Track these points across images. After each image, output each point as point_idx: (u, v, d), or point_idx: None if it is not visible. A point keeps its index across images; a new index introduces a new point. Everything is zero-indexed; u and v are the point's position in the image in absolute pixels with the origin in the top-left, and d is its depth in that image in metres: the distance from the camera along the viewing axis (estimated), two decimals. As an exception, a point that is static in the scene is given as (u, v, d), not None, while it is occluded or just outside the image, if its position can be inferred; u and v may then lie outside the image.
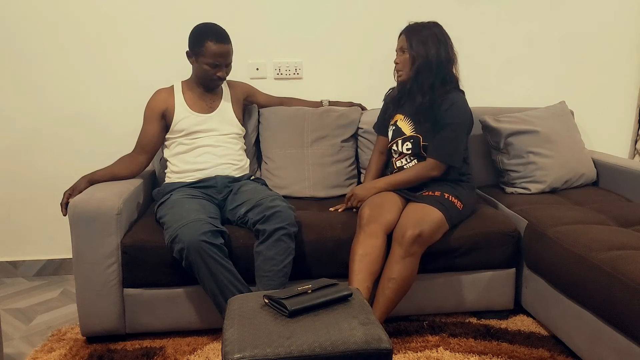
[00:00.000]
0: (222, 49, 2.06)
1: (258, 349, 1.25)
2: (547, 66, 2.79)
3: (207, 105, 2.20)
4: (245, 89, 2.42)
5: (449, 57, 2.04)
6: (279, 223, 1.84)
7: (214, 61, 2.06)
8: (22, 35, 2.44)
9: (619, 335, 1.58)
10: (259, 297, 1.50)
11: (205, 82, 2.16)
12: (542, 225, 1.98)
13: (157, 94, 2.19)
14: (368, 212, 1.95)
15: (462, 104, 2.05)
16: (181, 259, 1.79)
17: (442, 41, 2.02)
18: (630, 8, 2.77)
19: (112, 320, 1.93)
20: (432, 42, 2.01)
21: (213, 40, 2.04)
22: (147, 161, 2.18)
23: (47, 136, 2.54)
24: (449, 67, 2.05)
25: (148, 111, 2.17)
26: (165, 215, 1.91)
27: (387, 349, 1.30)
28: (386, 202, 2.02)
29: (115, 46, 2.51)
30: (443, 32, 2.06)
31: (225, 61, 2.10)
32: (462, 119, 2.06)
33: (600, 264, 1.64)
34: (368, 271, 1.84)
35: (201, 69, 2.10)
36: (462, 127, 2.06)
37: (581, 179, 2.43)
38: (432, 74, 2.02)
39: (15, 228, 2.60)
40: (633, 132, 2.92)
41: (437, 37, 2.02)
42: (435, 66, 2.01)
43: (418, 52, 2.01)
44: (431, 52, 2.00)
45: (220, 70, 2.10)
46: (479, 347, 1.92)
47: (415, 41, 2.02)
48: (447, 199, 2.02)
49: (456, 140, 2.05)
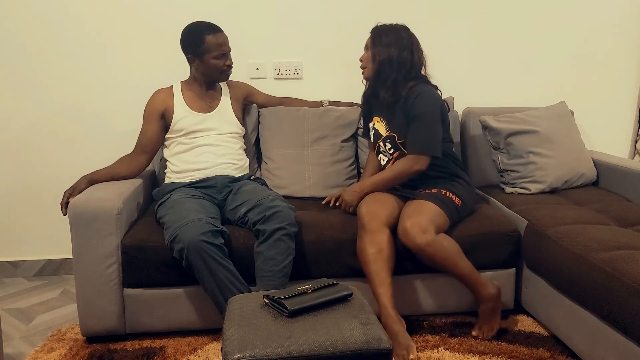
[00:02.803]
0: (221, 37, 2.10)
1: (258, 349, 1.25)
2: (547, 66, 2.79)
3: (207, 105, 2.20)
4: (245, 88, 2.42)
5: (413, 59, 2.06)
6: (279, 223, 1.84)
7: (220, 52, 2.09)
8: (22, 34, 2.44)
9: (619, 335, 1.58)
10: (259, 297, 1.50)
11: (216, 76, 2.17)
12: (542, 225, 1.98)
13: (157, 94, 2.19)
14: (366, 209, 1.96)
15: (428, 94, 2.04)
16: (181, 259, 1.79)
17: (404, 43, 2.05)
18: (631, 8, 2.77)
19: (112, 320, 1.93)
20: (394, 42, 2.04)
21: (210, 33, 2.07)
22: (147, 161, 2.18)
23: (47, 136, 2.54)
24: (413, 68, 2.07)
25: (147, 111, 2.17)
26: (165, 215, 1.91)
27: (387, 349, 1.30)
28: (383, 198, 2.04)
29: (115, 45, 2.50)
30: (409, 34, 2.08)
31: (228, 48, 2.14)
32: (431, 107, 2.03)
33: (600, 264, 1.64)
34: (387, 268, 1.87)
35: (209, 65, 2.11)
36: (432, 116, 2.03)
37: (581, 179, 2.43)
38: (394, 70, 2.04)
39: (15, 228, 2.60)
40: (633, 132, 2.92)
41: (400, 38, 2.05)
42: (396, 64, 2.03)
43: (379, 50, 2.05)
44: (392, 50, 2.03)
45: (227, 58, 2.14)
46: (479, 347, 1.92)
47: (378, 40, 2.06)
48: (444, 195, 2.04)
49: (429, 130, 2.03)
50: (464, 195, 2.10)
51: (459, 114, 2.67)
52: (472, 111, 2.64)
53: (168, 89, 2.22)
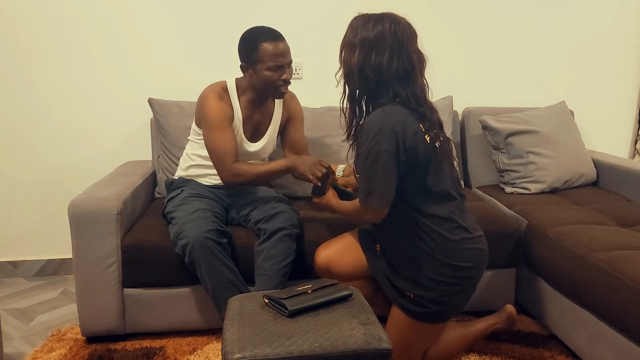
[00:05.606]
0: (280, 46, 1.86)
1: (258, 349, 1.25)
2: (547, 66, 2.79)
3: (258, 130, 2.04)
4: (297, 111, 2.15)
5: (392, 66, 1.45)
6: (281, 223, 1.84)
7: (275, 63, 1.86)
8: (19, 35, 2.43)
9: (619, 335, 1.58)
10: (259, 297, 1.50)
11: (269, 90, 1.93)
12: (542, 225, 1.98)
13: (217, 97, 1.93)
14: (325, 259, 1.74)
15: (369, 125, 1.44)
16: (184, 255, 1.79)
17: (378, 46, 1.45)
18: (630, 8, 2.78)
19: (112, 320, 1.93)
20: (360, 50, 1.47)
21: (267, 40, 1.85)
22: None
23: (47, 136, 2.53)
24: (390, 79, 1.46)
25: (219, 116, 1.90)
26: (174, 211, 1.91)
27: (387, 349, 1.30)
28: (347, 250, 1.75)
29: (115, 46, 2.50)
30: (393, 32, 1.46)
31: (286, 60, 1.89)
32: (365, 146, 1.44)
33: (600, 264, 1.64)
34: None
35: (262, 77, 1.88)
36: (367, 158, 1.44)
37: (581, 179, 2.43)
38: (356, 85, 1.50)
39: (15, 228, 2.60)
40: (633, 132, 2.92)
41: (368, 43, 1.46)
42: (357, 76, 1.48)
43: (344, 57, 1.52)
44: (354, 58, 1.47)
45: (283, 72, 1.89)
46: (479, 347, 1.92)
47: (346, 40, 1.53)
48: (406, 299, 1.56)
49: (366, 175, 1.46)
50: (430, 282, 1.51)
51: (459, 114, 2.67)
52: (472, 111, 2.64)
53: (222, 90, 1.96)
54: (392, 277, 1.59)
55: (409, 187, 1.49)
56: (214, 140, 1.90)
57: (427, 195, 1.49)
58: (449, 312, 1.57)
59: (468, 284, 1.54)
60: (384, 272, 1.62)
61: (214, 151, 1.91)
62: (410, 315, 1.55)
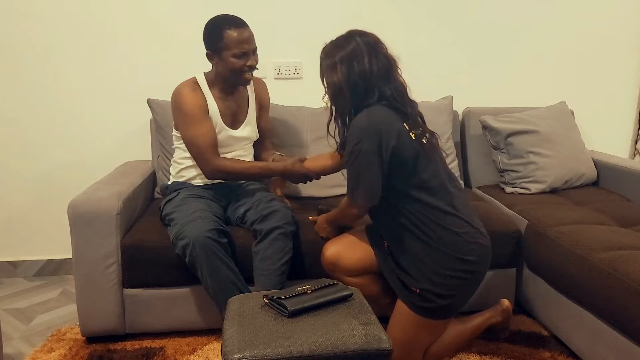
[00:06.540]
0: (244, 33, 1.89)
1: (258, 349, 1.25)
2: (547, 66, 2.79)
3: (236, 118, 2.06)
4: (267, 100, 2.22)
5: (373, 68, 1.57)
6: (276, 222, 1.84)
7: (240, 50, 1.88)
8: (19, 35, 2.43)
9: (619, 336, 1.58)
10: (259, 297, 1.50)
11: (235, 78, 1.95)
12: (543, 225, 1.98)
13: (188, 91, 1.95)
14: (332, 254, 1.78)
15: (354, 126, 1.56)
16: (184, 256, 1.79)
17: (356, 56, 1.58)
18: (630, 8, 2.78)
19: (112, 321, 1.92)
20: (342, 66, 1.60)
21: (232, 27, 1.88)
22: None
23: (47, 136, 2.53)
24: (375, 80, 1.58)
25: (192, 109, 1.92)
26: (172, 212, 1.91)
27: (387, 349, 1.30)
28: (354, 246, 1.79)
29: (115, 45, 2.50)
30: (364, 42, 1.60)
31: (251, 47, 1.91)
32: (352, 145, 1.55)
33: (600, 264, 1.64)
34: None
35: (228, 64, 1.91)
36: (354, 155, 1.54)
37: (581, 179, 2.43)
38: (347, 99, 1.61)
39: (15, 228, 2.60)
40: (633, 132, 2.92)
41: (347, 57, 1.60)
42: (347, 91, 1.59)
43: (327, 81, 1.66)
44: (338, 75, 1.60)
45: (248, 58, 1.91)
46: (479, 347, 1.92)
47: (325, 67, 1.66)
48: (419, 295, 1.59)
49: (351, 172, 1.59)
50: (434, 275, 1.56)
51: (459, 114, 2.67)
52: (472, 111, 2.64)
53: (193, 84, 2.00)
54: (398, 272, 1.64)
55: (406, 183, 1.56)
56: (193, 135, 1.93)
57: (425, 189, 1.56)
58: (453, 307, 1.61)
59: (473, 278, 1.59)
60: (391, 266, 1.67)
61: (194, 145, 1.93)
62: (416, 311, 1.59)
